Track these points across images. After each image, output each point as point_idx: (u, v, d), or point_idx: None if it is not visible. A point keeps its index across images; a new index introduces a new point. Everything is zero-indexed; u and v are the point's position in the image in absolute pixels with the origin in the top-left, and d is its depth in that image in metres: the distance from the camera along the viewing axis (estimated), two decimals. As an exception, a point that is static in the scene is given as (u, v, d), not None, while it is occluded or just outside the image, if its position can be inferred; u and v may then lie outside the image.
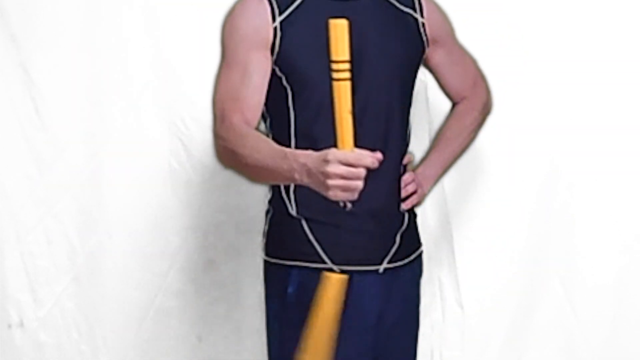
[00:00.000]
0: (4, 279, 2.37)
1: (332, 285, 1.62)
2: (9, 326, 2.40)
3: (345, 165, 1.48)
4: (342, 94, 1.50)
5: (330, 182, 1.49)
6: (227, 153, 1.74)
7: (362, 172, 1.49)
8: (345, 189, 1.49)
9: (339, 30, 1.50)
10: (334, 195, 1.51)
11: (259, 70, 1.76)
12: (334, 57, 1.50)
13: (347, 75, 1.50)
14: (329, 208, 1.78)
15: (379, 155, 1.52)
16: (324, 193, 1.52)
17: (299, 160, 1.56)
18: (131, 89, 2.33)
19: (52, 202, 2.35)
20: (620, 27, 2.31)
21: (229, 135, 1.72)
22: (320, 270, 1.77)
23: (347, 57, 1.50)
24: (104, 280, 2.38)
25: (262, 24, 1.76)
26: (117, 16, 2.31)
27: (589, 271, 2.38)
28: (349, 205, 1.66)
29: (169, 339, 2.40)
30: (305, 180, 1.55)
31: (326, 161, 1.49)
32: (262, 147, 1.66)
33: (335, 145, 1.51)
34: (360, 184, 1.50)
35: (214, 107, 1.80)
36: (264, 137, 1.74)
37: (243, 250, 2.35)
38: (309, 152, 1.57)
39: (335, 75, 1.50)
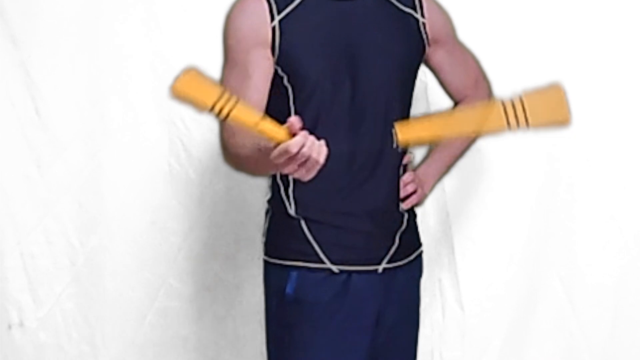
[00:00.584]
0: (4, 279, 2.37)
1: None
2: (9, 326, 2.39)
3: (288, 157, 1.45)
4: (241, 118, 1.48)
5: (294, 175, 1.49)
6: (226, 153, 1.75)
7: (306, 153, 1.45)
8: (307, 172, 1.49)
9: (190, 85, 1.46)
10: (308, 179, 1.50)
11: (258, 70, 1.76)
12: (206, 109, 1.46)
13: (231, 105, 1.46)
14: (327, 208, 1.79)
15: (292, 120, 1.47)
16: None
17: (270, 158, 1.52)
18: (131, 89, 2.33)
19: (52, 202, 2.35)
20: (621, 27, 2.31)
21: (226, 136, 1.73)
22: (319, 270, 1.78)
23: (215, 97, 1.46)
24: (103, 281, 2.37)
25: (261, 24, 1.75)
26: (117, 16, 2.31)
27: (589, 271, 2.37)
28: None
29: (169, 339, 2.40)
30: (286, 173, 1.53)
31: (277, 163, 1.48)
32: (246, 142, 1.65)
33: (333, 147, 1.51)
34: (311, 161, 1.46)
35: None
36: (247, 133, 1.71)
37: (243, 250, 2.35)
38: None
39: (221, 116, 1.47)
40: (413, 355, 1.96)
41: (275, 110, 1.79)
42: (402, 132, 1.63)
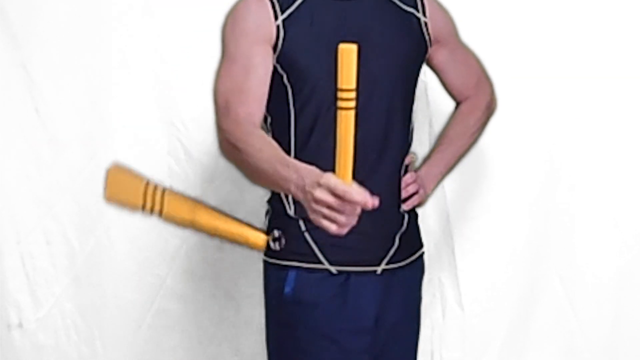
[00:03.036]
0: (3, 279, 2.37)
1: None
2: (8, 327, 2.40)
3: (334, 195, 1.41)
4: (345, 123, 1.41)
5: (315, 206, 1.43)
6: (230, 147, 1.71)
7: (349, 208, 1.41)
8: (327, 217, 1.43)
9: (346, 56, 1.39)
10: (315, 220, 1.44)
11: (262, 64, 1.75)
12: (339, 85, 1.40)
13: (352, 104, 1.40)
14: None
15: (375, 201, 1.42)
16: (309, 215, 1.46)
17: (299, 172, 1.50)
18: (131, 90, 2.33)
19: (51, 203, 2.35)
20: (621, 28, 2.31)
21: (234, 130, 1.69)
22: (317, 270, 1.77)
23: (353, 85, 1.39)
24: (103, 282, 2.37)
25: (264, 22, 1.75)
26: (117, 16, 2.31)
27: (589, 271, 2.38)
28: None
29: (168, 340, 2.40)
30: (299, 196, 1.49)
31: (318, 184, 1.42)
32: (265, 149, 1.62)
33: (332, 147, 1.50)
34: (343, 219, 1.41)
35: (215, 100, 1.77)
36: (269, 139, 1.70)
37: (242, 251, 2.33)
38: (312, 168, 1.50)
39: (339, 104, 1.40)
40: (414, 355, 1.96)
41: (275, 108, 1.79)
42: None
